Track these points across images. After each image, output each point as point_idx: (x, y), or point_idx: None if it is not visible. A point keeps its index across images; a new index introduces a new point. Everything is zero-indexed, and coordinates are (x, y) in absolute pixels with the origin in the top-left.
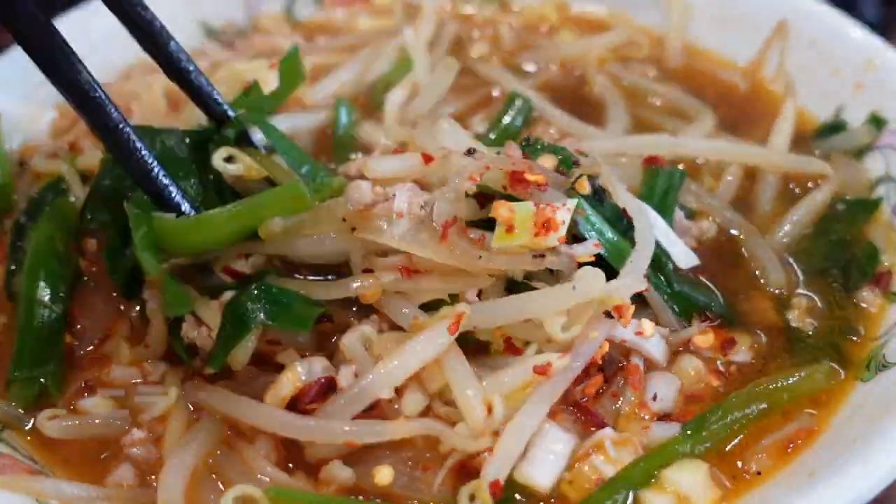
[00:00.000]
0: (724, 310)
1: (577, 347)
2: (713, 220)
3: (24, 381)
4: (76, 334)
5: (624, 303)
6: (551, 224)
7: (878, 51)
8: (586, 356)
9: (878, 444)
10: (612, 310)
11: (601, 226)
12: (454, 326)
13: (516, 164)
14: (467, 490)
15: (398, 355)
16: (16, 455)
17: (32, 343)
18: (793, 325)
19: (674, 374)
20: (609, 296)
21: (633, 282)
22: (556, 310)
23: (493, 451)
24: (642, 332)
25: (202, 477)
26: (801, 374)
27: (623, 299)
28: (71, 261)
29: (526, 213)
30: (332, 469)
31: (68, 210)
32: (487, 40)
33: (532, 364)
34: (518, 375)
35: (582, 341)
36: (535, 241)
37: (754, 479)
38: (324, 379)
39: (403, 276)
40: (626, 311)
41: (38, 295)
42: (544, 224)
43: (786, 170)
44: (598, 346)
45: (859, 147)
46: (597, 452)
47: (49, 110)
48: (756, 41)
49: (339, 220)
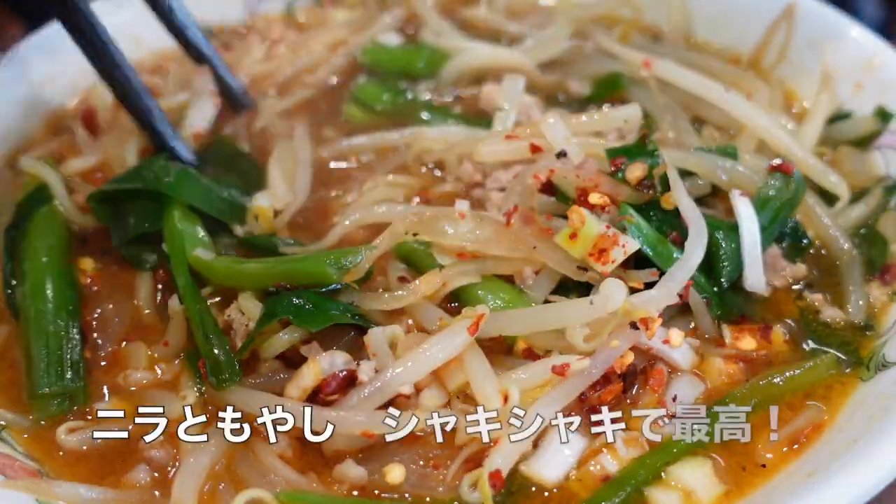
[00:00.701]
0: (754, 311)
1: (598, 354)
2: (818, 245)
3: (48, 398)
4: (93, 346)
5: (650, 316)
6: (606, 256)
7: (878, 51)
8: (606, 363)
9: (879, 443)
10: (639, 322)
11: (650, 234)
12: (473, 327)
13: (584, 181)
14: (469, 478)
15: (417, 352)
16: (16, 455)
17: (54, 359)
18: (811, 317)
19: (699, 378)
20: (634, 308)
21: (663, 296)
22: (577, 321)
23: (498, 443)
24: (670, 340)
25: (217, 477)
26: (804, 367)
27: (649, 312)
28: (72, 271)
29: (591, 231)
30: (345, 468)
31: (59, 218)
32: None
33: (550, 364)
34: (536, 373)
35: (603, 348)
36: (586, 258)
37: (759, 473)
38: (345, 371)
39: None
40: (651, 324)
41: (49, 311)
42: (601, 250)
43: (805, 172)
44: (620, 355)
45: (865, 135)
46: (606, 450)
47: (37, 116)
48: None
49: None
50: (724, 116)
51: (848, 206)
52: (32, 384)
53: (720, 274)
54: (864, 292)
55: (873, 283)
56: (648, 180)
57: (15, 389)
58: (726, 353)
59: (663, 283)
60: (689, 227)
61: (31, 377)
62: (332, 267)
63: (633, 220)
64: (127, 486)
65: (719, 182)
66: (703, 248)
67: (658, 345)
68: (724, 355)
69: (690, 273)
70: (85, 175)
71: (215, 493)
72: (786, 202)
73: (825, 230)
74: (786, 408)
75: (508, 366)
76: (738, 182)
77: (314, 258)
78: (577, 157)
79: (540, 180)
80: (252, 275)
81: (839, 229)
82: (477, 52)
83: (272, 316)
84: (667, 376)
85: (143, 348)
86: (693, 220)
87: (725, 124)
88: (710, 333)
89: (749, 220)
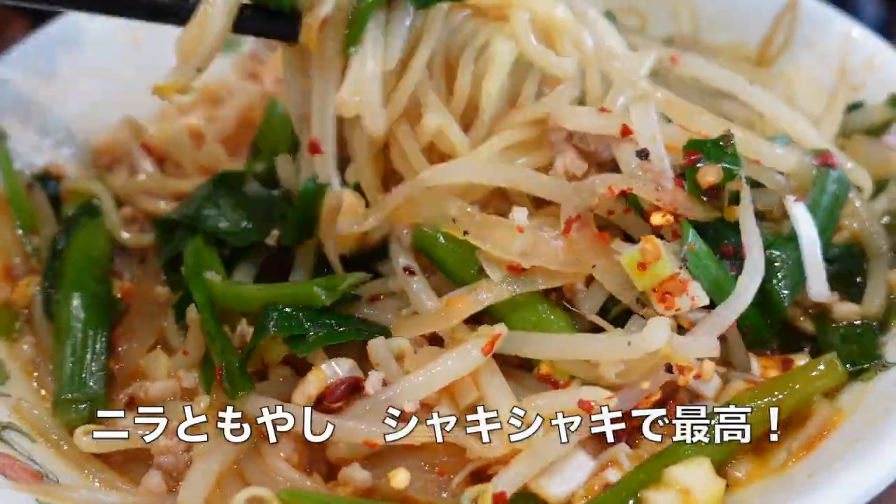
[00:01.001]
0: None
1: (626, 393)
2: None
3: (70, 403)
4: (119, 358)
5: (688, 364)
6: (671, 301)
7: (878, 51)
8: (631, 403)
9: (879, 444)
10: (675, 367)
11: (708, 262)
12: (488, 347)
13: (661, 202)
14: (471, 493)
15: (427, 368)
16: (16, 455)
17: (78, 367)
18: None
19: (716, 403)
20: (675, 353)
21: (706, 346)
22: (608, 358)
23: (509, 465)
24: (701, 375)
25: (226, 479)
26: (806, 372)
27: (689, 361)
28: (108, 283)
29: (663, 270)
30: (350, 471)
31: (103, 232)
32: None
33: (579, 397)
34: (559, 402)
35: (632, 387)
36: (649, 293)
37: (759, 473)
38: (350, 379)
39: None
40: (687, 373)
41: (80, 321)
42: (666, 293)
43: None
44: (647, 395)
45: (878, 124)
46: (611, 467)
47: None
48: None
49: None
50: (745, 112)
51: (872, 200)
52: (57, 389)
53: (775, 299)
54: (885, 284)
55: (894, 273)
56: (719, 187)
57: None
58: (747, 378)
59: (710, 329)
60: (747, 256)
61: (56, 382)
62: (322, 289)
63: (695, 249)
64: (140, 491)
65: (783, 190)
66: (756, 284)
67: (689, 379)
68: (745, 378)
69: (739, 313)
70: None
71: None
72: (836, 199)
73: (865, 227)
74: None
75: (526, 385)
76: (796, 186)
77: (304, 284)
78: (660, 162)
79: (613, 193)
80: (247, 297)
81: (879, 225)
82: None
83: (265, 330)
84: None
85: (163, 358)
86: (753, 248)
87: (746, 120)
88: (743, 370)
89: (807, 226)
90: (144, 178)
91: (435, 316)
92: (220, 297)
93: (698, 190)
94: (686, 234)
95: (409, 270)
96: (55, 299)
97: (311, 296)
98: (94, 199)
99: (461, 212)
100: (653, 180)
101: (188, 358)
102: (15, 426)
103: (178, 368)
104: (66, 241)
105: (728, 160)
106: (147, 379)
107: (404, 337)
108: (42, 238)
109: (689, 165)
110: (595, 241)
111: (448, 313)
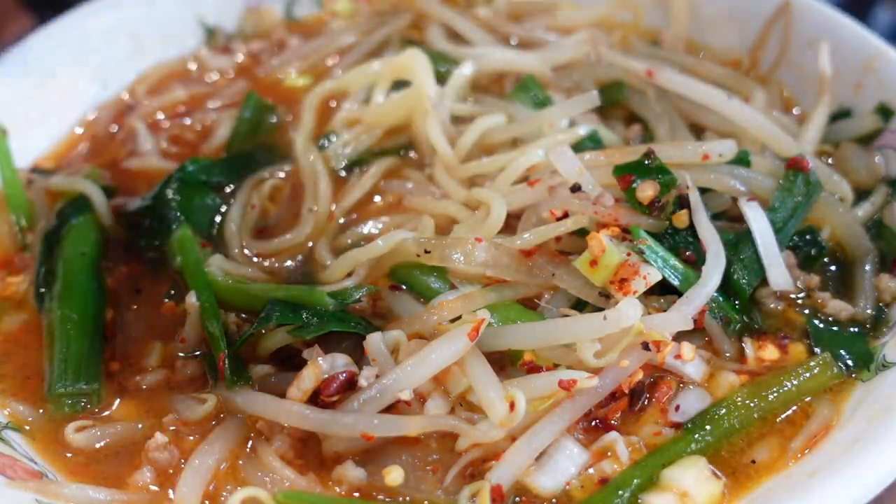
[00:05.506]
0: (769, 324)
1: (607, 372)
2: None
3: (63, 396)
4: (112, 350)
5: (663, 339)
6: (627, 286)
7: (878, 51)
8: (615, 381)
9: (878, 444)
10: (651, 343)
11: (666, 255)
12: (473, 333)
13: (602, 216)
14: (470, 489)
15: (417, 357)
16: (16, 455)
17: (72, 362)
18: (818, 320)
19: (707, 391)
20: (649, 329)
21: (677, 320)
22: (588, 336)
23: (502, 458)
24: (682, 355)
25: (222, 477)
26: (800, 371)
27: (663, 335)
28: (101, 277)
29: (611, 260)
30: (344, 469)
31: (95, 227)
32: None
33: (558, 378)
34: (541, 385)
35: (613, 367)
36: (608, 286)
37: (754, 472)
38: (345, 373)
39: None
40: (663, 348)
41: (73, 315)
42: (622, 280)
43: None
44: (629, 374)
45: (867, 133)
46: (608, 458)
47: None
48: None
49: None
50: (725, 121)
51: (856, 206)
52: (50, 383)
53: (738, 286)
54: (874, 285)
55: (883, 276)
56: (659, 199)
57: (29, 387)
58: (736, 368)
59: (679, 307)
60: (707, 250)
61: (49, 376)
62: (331, 298)
63: (648, 242)
64: (133, 488)
65: (737, 193)
66: (720, 272)
67: (669, 360)
68: (735, 370)
69: (708, 297)
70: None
71: (218, 494)
72: (803, 199)
73: (845, 228)
74: (799, 412)
75: (511, 377)
76: (755, 189)
77: (314, 290)
78: (593, 189)
79: (555, 216)
80: (255, 295)
81: (859, 226)
82: (496, 56)
83: (268, 320)
84: (675, 389)
85: (157, 346)
86: (710, 243)
87: (726, 129)
88: (730, 353)
89: (759, 222)
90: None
91: (426, 314)
92: (222, 293)
93: (641, 207)
94: (636, 234)
95: (395, 287)
96: (48, 295)
97: (318, 302)
98: (81, 196)
99: (419, 243)
100: (590, 201)
101: (186, 345)
102: (13, 426)
103: (176, 354)
104: (57, 236)
105: (658, 173)
106: (141, 371)
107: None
108: (36, 233)
109: (626, 188)
110: (553, 255)
111: (439, 311)
